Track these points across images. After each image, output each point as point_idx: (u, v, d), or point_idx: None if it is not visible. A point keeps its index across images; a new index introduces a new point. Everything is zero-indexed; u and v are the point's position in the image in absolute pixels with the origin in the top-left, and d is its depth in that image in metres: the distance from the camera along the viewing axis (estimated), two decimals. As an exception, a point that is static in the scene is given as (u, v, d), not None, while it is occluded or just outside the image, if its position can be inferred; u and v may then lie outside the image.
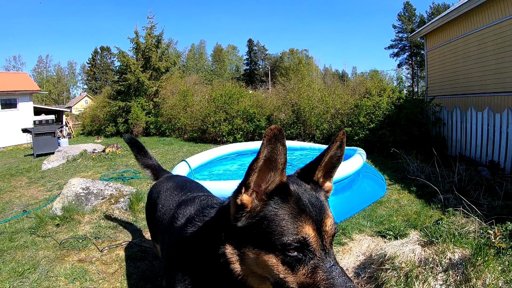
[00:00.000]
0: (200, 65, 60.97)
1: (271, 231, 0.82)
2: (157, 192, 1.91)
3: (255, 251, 0.84)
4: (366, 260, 2.68)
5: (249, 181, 0.85)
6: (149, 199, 2.09)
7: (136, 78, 15.25)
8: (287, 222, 0.82)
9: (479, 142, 6.04)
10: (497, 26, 6.67)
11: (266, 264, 0.83)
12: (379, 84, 9.36)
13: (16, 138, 15.76)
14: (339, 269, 0.82)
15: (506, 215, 3.23)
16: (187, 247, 1.07)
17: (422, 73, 43.52)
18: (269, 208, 0.85)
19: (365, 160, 4.96)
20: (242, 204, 0.86)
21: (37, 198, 5.06)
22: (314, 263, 0.82)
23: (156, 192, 1.95)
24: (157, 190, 1.96)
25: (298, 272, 0.82)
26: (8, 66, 54.68)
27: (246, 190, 0.86)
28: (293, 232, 0.81)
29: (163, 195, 1.80)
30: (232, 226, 0.88)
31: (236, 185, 0.89)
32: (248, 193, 0.87)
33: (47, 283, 2.47)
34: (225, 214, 0.93)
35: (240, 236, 0.87)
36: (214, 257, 0.92)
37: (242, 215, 0.87)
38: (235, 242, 0.88)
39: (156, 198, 1.87)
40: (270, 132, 0.79)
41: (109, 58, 60.81)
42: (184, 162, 5.07)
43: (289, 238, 0.81)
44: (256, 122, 10.52)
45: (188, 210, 1.29)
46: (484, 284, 1.96)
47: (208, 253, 0.96)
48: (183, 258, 1.08)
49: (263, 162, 0.83)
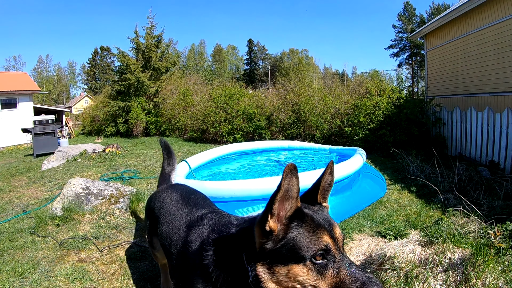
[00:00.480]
0: (200, 65, 60.95)
1: (298, 247, 0.98)
2: (160, 202, 1.89)
3: (286, 267, 0.99)
4: (366, 260, 2.68)
5: (274, 209, 1.00)
6: (150, 206, 2.03)
7: (136, 78, 15.24)
8: (310, 237, 1.00)
9: (479, 142, 6.04)
10: (497, 26, 6.67)
11: (297, 276, 0.98)
12: (379, 84, 9.37)
13: (16, 138, 15.76)
14: (355, 266, 1.00)
15: (506, 215, 3.23)
16: (209, 273, 1.17)
17: (422, 73, 43.52)
18: (292, 229, 1.01)
19: (365, 160, 4.96)
20: (270, 230, 1.01)
21: (37, 198, 5.06)
22: (337, 265, 0.99)
23: (159, 201, 1.92)
24: (160, 199, 1.92)
25: (326, 276, 0.98)
26: (8, 66, 54.71)
27: (271, 217, 1.01)
28: (316, 243, 0.99)
29: (167, 207, 1.80)
30: (261, 249, 1.02)
31: (260, 214, 1.04)
32: (273, 220, 1.01)
33: (47, 283, 2.47)
34: (248, 241, 1.07)
35: (270, 257, 1.01)
36: (240, 280, 1.07)
37: (270, 239, 1.01)
38: (265, 262, 1.01)
39: (159, 209, 1.86)
40: (288, 168, 0.96)
41: (109, 58, 60.82)
42: (184, 162, 5.07)
43: (314, 248, 0.98)
44: (256, 122, 10.52)
45: (200, 233, 1.37)
46: (484, 284, 1.96)
47: (233, 276, 1.10)
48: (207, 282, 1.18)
49: (283, 193, 0.99)
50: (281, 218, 1.02)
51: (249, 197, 3.61)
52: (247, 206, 3.63)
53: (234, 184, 3.77)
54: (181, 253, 1.42)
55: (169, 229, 1.63)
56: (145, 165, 7.19)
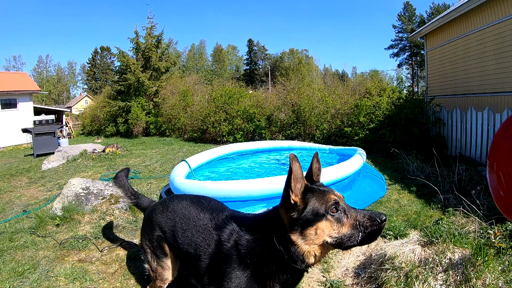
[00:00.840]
0: (200, 65, 60.95)
1: (318, 208, 1.31)
2: (172, 212, 1.89)
3: (314, 226, 1.30)
4: (366, 260, 2.68)
5: (292, 186, 1.31)
6: (154, 218, 1.97)
7: (136, 78, 15.23)
8: (322, 199, 1.33)
9: (479, 142, 6.04)
10: (497, 26, 6.67)
11: (324, 229, 1.30)
12: (379, 84, 9.37)
13: (16, 138, 15.75)
14: (360, 209, 1.36)
15: (506, 215, 3.22)
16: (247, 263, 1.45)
17: (422, 73, 43.52)
18: (308, 199, 1.33)
19: (365, 160, 4.96)
20: (294, 202, 1.32)
21: (37, 198, 5.06)
22: (348, 211, 1.33)
23: (169, 211, 1.91)
24: (170, 209, 1.92)
25: (344, 221, 1.31)
26: (8, 66, 54.69)
27: (292, 193, 1.32)
28: (328, 201, 1.32)
29: (183, 215, 1.84)
30: (290, 222, 1.33)
31: (281, 195, 1.36)
32: (293, 195, 1.32)
33: (47, 283, 2.47)
34: (276, 223, 1.39)
35: (299, 225, 1.31)
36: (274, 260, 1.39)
37: (295, 210, 1.33)
38: (297, 231, 1.32)
39: (172, 218, 1.87)
40: (291, 156, 1.30)
41: (109, 58, 60.81)
42: (184, 162, 5.08)
43: (328, 204, 1.31)
44: (256, 122, 10.51)
45: (231, 231, 1.59)
46: (484, 284, 1.96)
47: (269, 258, 1.40)
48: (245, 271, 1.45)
49: (294, 174, 1.31)
50: (297, 193, 1.33)
51: (249, 197, 3.61)
52: (247, 206, 3.62)
53: (234, 184, 3.77)
54: (216, 252, 1.58)
55: (193, 234, 1.73)
56: (145, 165, 7.20)
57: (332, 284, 2.42)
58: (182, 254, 1.79)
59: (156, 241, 1.95)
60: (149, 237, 2.00)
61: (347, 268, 2.65)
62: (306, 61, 60.61)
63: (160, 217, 1.94)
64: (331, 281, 2.45)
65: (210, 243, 1.63)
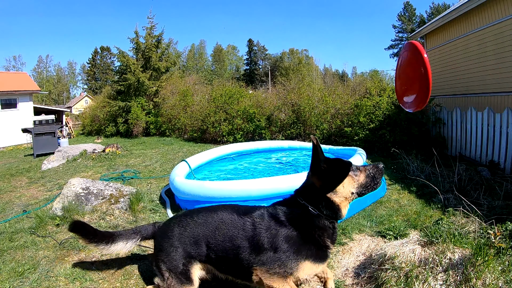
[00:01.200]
0: (200, 65, 60.98)
1: (341, 170, 1.78)
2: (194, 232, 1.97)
3: (342, 184, 1.78)
4: (366, 260, 2.68)
5: (321, 157, 1.78)
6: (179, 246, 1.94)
7: (136, 78, 15.22)
8: (342, 164, 1.80)
9: (479, 142, 6.04)
10: (497, 26, 6.67)
11: (349, 184, 1.81)
12: (379, 84, 9.36)
13: (16, 138, 15.76)
14: (366, 165, 1.93)
15: (506, 215, 3.23)
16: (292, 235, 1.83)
17: (422, 73, 43.31)
18: (332, 166, 1.78)
19: (365, 160, 4.95)
20: (324, 168, 1.78)
21: (37, 198, 5.06)
22: (360, 167, 1.88)
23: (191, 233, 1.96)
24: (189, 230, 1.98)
25: (360, 175, 1.85)
26: (8, 66, 54.79)
27: (322, 162, 1.78)
28: (347, 164, 1.80)
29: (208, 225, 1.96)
30: (323, 182, 1.79)
31: (310, 166, 1.86)
32: (322, 163, 1.78)
33: (47, 283, 2.47)
34: (311, 191, 1.85)
35: (331, 186, 1.78)
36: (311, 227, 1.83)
37: (324, 175, 1.78)
38: (331, 191, 1.79)
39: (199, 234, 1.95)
40: (313, 138, 1.77)
41: (109, 58, 60.86)
42: (184, 162, 5.08)
43: (348, 165, 1.79)
44: (256, 122, 10.51)
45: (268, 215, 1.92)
46: (484, 284, 1.96)
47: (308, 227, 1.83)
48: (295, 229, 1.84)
49: (319, 149, 1.77)
50: (324, 162, 1.78)
51: (249, 197, 3.61)
52: (247, 206, 3.62)
53: (234, 184, 3.77)
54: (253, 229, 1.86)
55: (225, 230, 1.90)
56: (145, 165, 7.20)
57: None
58: (218, 255, 1.89)
59: (183, 265, 1.91)
60: (172, 263, 1.93)
61: (347, 268, 2.65)
62: (306, 61, 60.65)
63: (183, 236, 1.94)
64: (331, 281, 2.45)
65: (244, 227, 1.87)
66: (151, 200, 4.45)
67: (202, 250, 1.92)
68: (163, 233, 2.05)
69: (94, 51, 63.22)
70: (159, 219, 3.78)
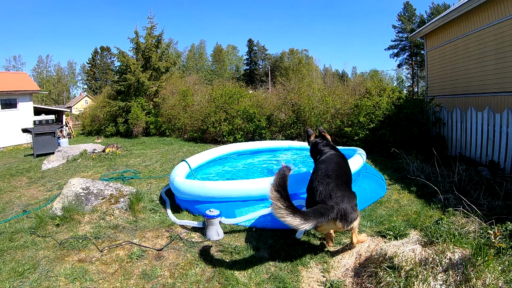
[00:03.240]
0: (200, 65, 60.99)
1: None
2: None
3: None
4: (366, 260, 2.68)
5: (310, 133, 3.78)
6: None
7: (136, 78, 15.22)
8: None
9: (479, 142, 6.04)
10: (497, 26, 6.67)
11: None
12: (379, 84, 9.35)
13: (16, 138, 15.75)
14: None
15: (506, 215, 3.23)
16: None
17: (422, 73, 43.52)
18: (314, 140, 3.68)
19: (365, 160, 4.95)
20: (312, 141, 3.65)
21: (37, 198, 5.06)
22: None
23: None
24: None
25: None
26: (8, 66, 54.76)
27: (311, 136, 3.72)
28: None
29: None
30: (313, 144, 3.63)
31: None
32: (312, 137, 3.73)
33: (47, 283, 2.47)
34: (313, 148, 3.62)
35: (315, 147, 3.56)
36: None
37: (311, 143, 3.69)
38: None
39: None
40: (306, 129, 3.65)
41: (109, 58, 60.88)
42: (184, 162, 5.07)
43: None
44: (256, 122, 10.51)
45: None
46: (484, 284, 1.96)
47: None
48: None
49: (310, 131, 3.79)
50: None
51: (249, 197, 3.61)
52: (247, 206, 3.62)
53: (234, 184, 3.77)
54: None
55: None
56: (145, 165, 7.20)
57: (332, 284, 2.42)
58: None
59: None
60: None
61: (347, 268, 2.65)
62: (306, 61, 60.66)
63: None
64: (331, 281, 2.45)
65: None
66: (151, 200, 4.45)
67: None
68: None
69: (94, 51, 63.23)
70: (159, 219, 3.79)
